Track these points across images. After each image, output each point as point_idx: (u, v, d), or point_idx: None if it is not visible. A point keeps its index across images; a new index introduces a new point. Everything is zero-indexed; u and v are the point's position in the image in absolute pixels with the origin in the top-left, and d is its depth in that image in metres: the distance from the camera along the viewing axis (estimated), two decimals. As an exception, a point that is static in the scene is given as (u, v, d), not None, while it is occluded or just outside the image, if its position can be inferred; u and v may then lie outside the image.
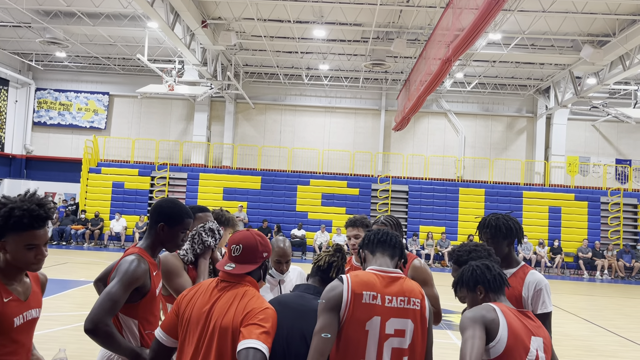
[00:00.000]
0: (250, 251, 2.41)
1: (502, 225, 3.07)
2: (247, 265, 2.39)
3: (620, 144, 22.35)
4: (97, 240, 19.23)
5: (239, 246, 2.41)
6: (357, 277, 2.36)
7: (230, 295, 2.33)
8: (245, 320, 2.22)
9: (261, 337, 2.16)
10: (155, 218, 2.76)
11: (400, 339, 2.31)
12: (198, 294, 2.40)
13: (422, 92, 13.33)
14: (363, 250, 2.57)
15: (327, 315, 2.29)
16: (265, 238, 2.51)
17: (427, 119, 22.76)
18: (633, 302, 13.16)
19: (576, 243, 19.34)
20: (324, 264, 2.63)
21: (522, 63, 19.01)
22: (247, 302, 2.28)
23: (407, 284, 2.39)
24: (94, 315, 2.41)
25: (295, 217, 20.06)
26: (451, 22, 10.68)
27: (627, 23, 14.80)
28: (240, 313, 2.24)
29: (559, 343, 7.71)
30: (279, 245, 3.48)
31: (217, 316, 2.27)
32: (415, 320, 2.34)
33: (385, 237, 2.52)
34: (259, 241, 2.44)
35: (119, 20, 16.74)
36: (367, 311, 2.30)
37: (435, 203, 20.26)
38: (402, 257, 2.53)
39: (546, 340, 2.42)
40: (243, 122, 23.18)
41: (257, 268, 2.43)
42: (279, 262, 3.48)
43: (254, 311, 2.24)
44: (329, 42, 17.77)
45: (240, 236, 2.45)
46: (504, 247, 3.07)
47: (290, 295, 2.55)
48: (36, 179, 22.64)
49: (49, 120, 23.17)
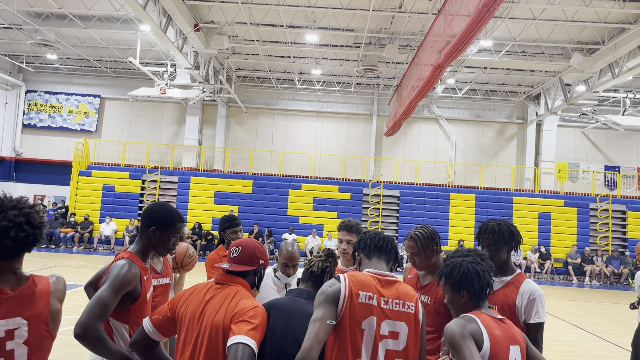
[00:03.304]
0: (248, 254, 2.54)
1: (505, 231, 3.03)
2: (242, 266, 2.51)
3: (609, 151, 22.57)
4: (86, 244, 19.09)
5: (239, 248, 2.55)
6: (354, 278, 2.40)
7: (222, 295, 2.42)
8: (235, 317, 2.30)
9: (250, 333, 2.23)
10: (146, 222, 2.76)
11: (394, 341, 2.35)
12: (194, 294, 2.49)
13: (414, 98, 13.39)
14: (358, 253, 2.60)
15: (325, 306, 2.31)
16: (265, 249, 2.62)
17: (419, 125, 22.86)
18: (621, 308, 13.25)
19: (565, 249, 19.48)
20: (317, 269, 2.64)
21: (513, 70, 19.17)
22: (237, 301, 2.37)
23: (402, 288, 2.44)
24: (83, 320, 2.41)
25: (287, 222, 20.03)
26: (443, 29, 10.76)
27: (616, 31, 14.97)
28: (230, 311, 2.32)
29: (547, 348, 7.73)
30: (287, 249, 3.46)
31: (209, 315, 2.36)
32: (410, 324, 2.38)
33: (382, 242, 2.56)
34: (257, 247, 2.58)
35: (111, 23, 16.68)
36: (363, 310, 2.33)
37: (426, 208, 20.33)
38: (396, 262, 2.57)
39: (522, 347, 2.42)
40: (235, 125, 23.15)
41: (251, 272, 2.54)
42: (286, 265, 3.45)
43: (244, 309, 2.32)
44: (322, 47, 17.82)
45: (241, 241, 2.59)
46: (504, 253, 3.04)
47: (284, 300, 2.57)
48: (25, 181, 22.47)
49: (39, 123, 23.00)
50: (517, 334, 2.45)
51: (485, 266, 2.53)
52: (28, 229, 2.06)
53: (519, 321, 2.90)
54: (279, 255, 3.52)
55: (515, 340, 2.41)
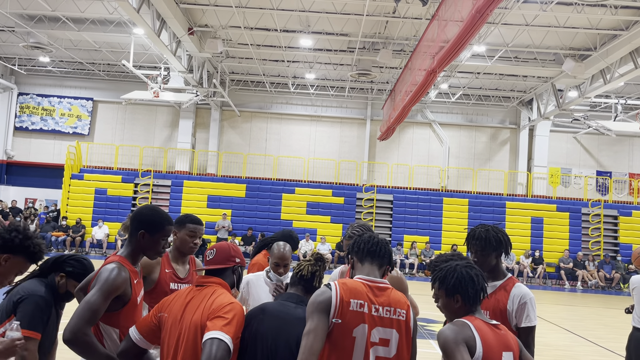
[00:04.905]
0: (223, 254, 2.60)
1: (492, 237, 3.03)
2: (219, 265, 2.58)
3: (601, 156, 22.72)
4: (78, 248, 18.96)
5: (213, 250, 2.62)
6: (346, 285, 2.40)
7: (201, 295, 2.47)
8: (212, 314, 2.34)
9: (224, 329, 2.27)
10: (135, 226, 2.74)
11: (385, 348, 2.34)
12: (176, 298, 2.52)
13: (407, 103, 13.44)
14: (351, 256, 2.60)
15: (317, 316, 2.31)
16: (239, 249, 2.72)
17: (412, 129, 22.92)
18: (613, 312, 13.32)
19: (558, 254, 19.55)
20: (307, 273, 2.63)
21: (506, 75, 19.28)
22: (214, 299, 2.41)
23: (393, 295, 2.44)
24: (72, 325, 2.39)
25: (280, 226, 19.97)
26: (436, 34, 10.81)
27: (607, 38, 15.11)
28: (207, 309, 2.37)
29: (540, 353, 7.76)
30: (279, 250, 3.58)
31: (188, 315, 2.40)
32: (400, 331, 2.38)
33: (375, 247, 2.55)
34: (231, 247, 2.66)
35: (105, 26, 16.63)
36: (354, 318, 2.33)
37: (420, 212, 20.35)
38: (389, 264, 2.58)
39: (515, 354, 2.42)
40: (228, 129, 23.11)
41: (229, 270, 2.60)
42: (277, 265, 3.56)
43: (220, 306, 2.36)
44: (316, 52, 17.85)
45: (215, 244, 2.67)
46: (492, 259, 3.04)
47: (273, 304, 2.57)
48: (17, 184, 22.30)
49: (31, 126, 22.87)
50: (511, 340, 2.44)
51: (479, 271, 2.52)
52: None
53: (510, 325, 2.91)
54: (270, 255, 3.64)
55: (508, 346, 2.40)
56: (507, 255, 3.12)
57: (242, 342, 2.40)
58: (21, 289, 2.70)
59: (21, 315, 2.56)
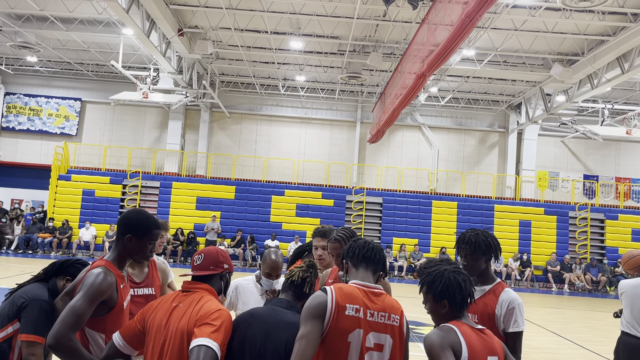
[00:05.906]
0: (211, 259, 2.56)
1: (481, 241, 3.04)
2: (206, 271, 2.53)
3: (588, 160, 22.94)
4: (65, 249, 18.76)
5: (201, 255, 2.58)
6: (341, 290, 2.39)
7: (188, 301, 2.43)
8: (199, 321, 2.30)
9: (212, 336, 2.23)
10: (122, 229, 2.72)
11: (379, 353, 2.36)
12: (161, 304, 2.49)
13: (397, 106, 13.48)
14: (346, 261, 2.60)
15: (311, 321, 2.31)
16: (227, 254, 2.66)
17: (402, 132, 22.99)
18: (599, 315, 13.43)
19: (545, 257, 19.70)
20: (297, 279, 2.63)
21: (495, 79, 19.41)
22: (202, 305, 2.37)
23: (387, 301, 2.45)
24: (56, 331, 2.35)
25: (269, 228, 19.95)
26: (426, 38, 10.86)
27: (595, 43, 15.28)
28: (194, 316, 2.33)
29: (527, 356, 7.80)
30: (271, 258, 3.43)
31: (174, 322, 2.36)
32: (394, 336, 2.39)
33: (370, 252, 2.56)
34: (220, 252, 2.61)
35: (93, 26, 16.50)
36: (350, 323, 2.33)
37: (409, 215, 20.41)
38: (383, 272, 2.59)
39: (500, 358, 2.43)
40: (218, 131, 23.03)
41: (217, 277, 2.56)
42: (269, 275, 3.43)
43: (207, 312, 2.33)
44: (306, 54, 17.85)
45: (203, 249, 2.64)
46: (482, 263, 3.05)
47: (263, 309, 2.56)
48: (3, 185, 22.04)
49: (18, 126, 22.62)
50: (497, 345, 2.45)
51: (467, 276, 2.53)
52: None
53: (498, 330, 2.92)
54: (262, 263, 3.50)
55: (493, 351, 2.41)
56: (497, 259, 3.13)
57: (230, 346, 2.38)
58: (24, 293, 2.68)
59: (26, 320, 2.56)
